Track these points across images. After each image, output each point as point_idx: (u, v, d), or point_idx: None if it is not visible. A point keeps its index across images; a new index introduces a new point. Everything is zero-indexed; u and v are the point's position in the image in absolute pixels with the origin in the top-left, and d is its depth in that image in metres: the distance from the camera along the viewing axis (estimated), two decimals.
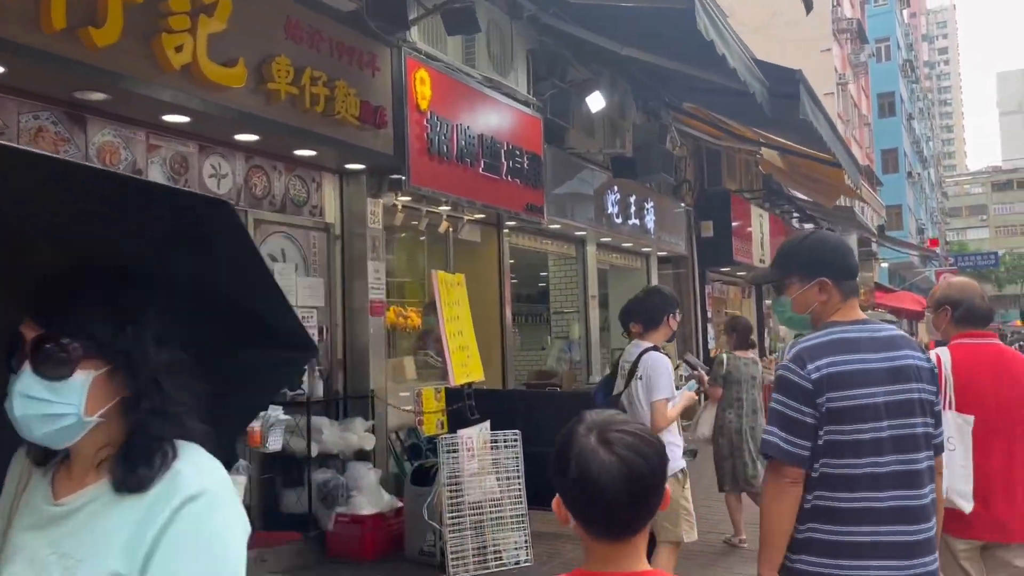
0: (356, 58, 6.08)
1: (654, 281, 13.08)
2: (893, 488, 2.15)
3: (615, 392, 4.33)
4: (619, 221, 10.55)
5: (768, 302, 21.99)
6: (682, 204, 14.31)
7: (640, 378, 4.16)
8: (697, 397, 4.36)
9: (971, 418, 2.94)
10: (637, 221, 11.04)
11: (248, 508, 5.84)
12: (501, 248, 8.90)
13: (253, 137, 5.59)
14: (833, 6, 31.26)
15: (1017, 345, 9.55)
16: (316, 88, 5.63)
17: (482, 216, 8.34)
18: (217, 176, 5.71)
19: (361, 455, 6.16)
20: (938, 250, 56.36)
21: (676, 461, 4.17)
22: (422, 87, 6.72)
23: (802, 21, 29.55)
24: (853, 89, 35.34)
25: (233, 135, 5.52)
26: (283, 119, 5.43)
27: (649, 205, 11.47)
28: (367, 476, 5.86)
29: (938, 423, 2.31)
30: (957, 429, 2.92)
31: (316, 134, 5.74)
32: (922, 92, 68.90)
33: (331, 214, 6.68)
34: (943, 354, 3.07)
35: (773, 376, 9.58)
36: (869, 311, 32.28)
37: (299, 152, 6.09)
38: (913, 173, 50.58)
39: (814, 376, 2.16)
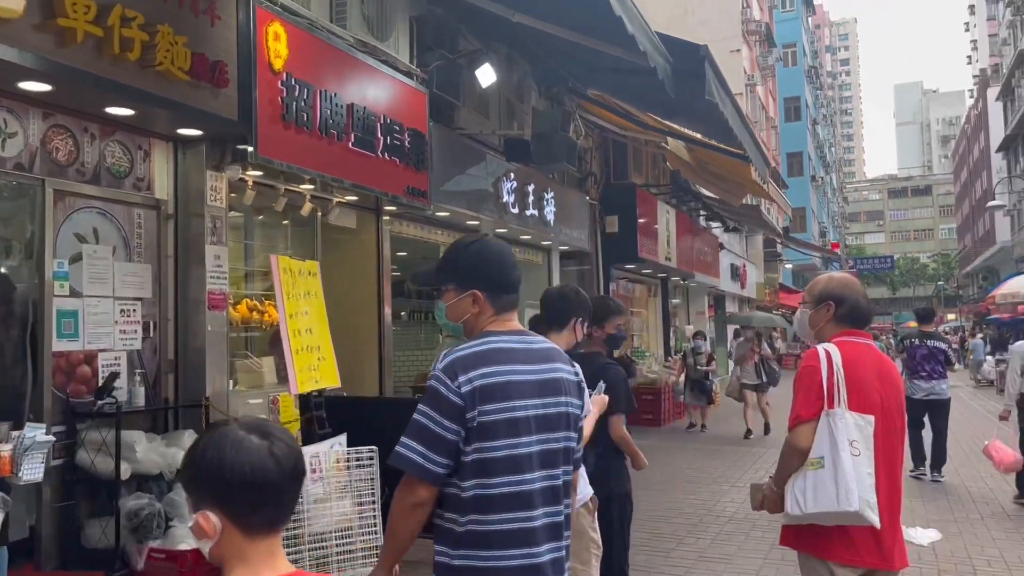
0: (189, 1, 5.07)
1: (556, 277, 12.38)
2: (544, 505, 2.11)
3: None
4: (516, 211, 9.76)
5: (675, 301, 21.73)
6: (587, 197, 13.70)
7: None
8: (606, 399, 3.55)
9: (871, 418, 2.70)
10: (536, 212, 10.29)
11: (37, 542, 4.79)
12: (380, 236, 7.98)
13: (44, 87, 4.52)
14: (743, 7, 31.42)
15: (928, 344, 9.18)
16: (129, 30, 4.61)
17: (355, 199, 7.40)
18: (2, 135, 4.62)
19: None
20: (839, 252, 58.09)
21: (585, 488, 3.57)
22: (276, 43, 5.74)
23: (712, 20, 29.62)
24: (761, 92, 35.72)
25: (17, 83, 4.45)
26: (82, 66, 4.39)
27: (549, 196, 10.73)
28: None
29: (580, 438, 2.29)
30: (859, 431, 2.66)
31: (131, 89, 4.71)
32: (826, 99, 71.01)
33: (162, 189, 5.63)
34: (832, 350, 2.79)
35: (675, 376, 8.96)
36: (775, 312, 32.52)
37: (113, 110, 5.03)
38: (817, 177, 51.84)
39: (464, 389, 2.05)
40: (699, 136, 11.74)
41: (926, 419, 8.82)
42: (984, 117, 57.20)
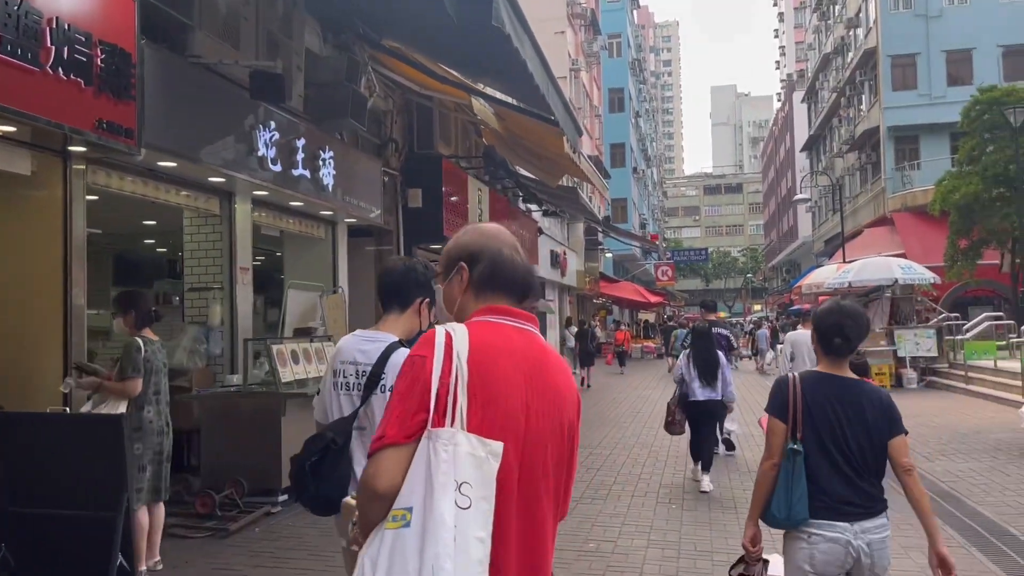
0: None
1: (342, 255, 10.67)
2: None
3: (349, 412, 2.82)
4: (278, 169, 7.96)
5: None
6: (384, 166, 12.06)
7: (385, 390, 2.72)
8: None
9: (499, 446, 1.58)
10: (307, 173, 8.52)
11: None
12: (69, 189, 5.97)
13: None
14: None
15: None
16: None
17: (13, 130, 5.38)
18: None
19: None
20: (658, 243, 59.71)
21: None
22: None
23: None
24: (586, 78, 35.38)
25: None
26: None
27: (327, 155, 8.99)
28: None
29: None
30: (476, 468, 1.54)
31: None
32: (649, 95, 72.99)
33: None
34: (457, 332, 1.67)
35: None
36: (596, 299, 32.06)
37: None
38: (639, 169, 52.81)
39: None
40: (503, 97, 10.42)
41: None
42: (790, 119, 60.68)
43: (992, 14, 30.71)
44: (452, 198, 13.45)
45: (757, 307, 75.13)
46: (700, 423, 8.13)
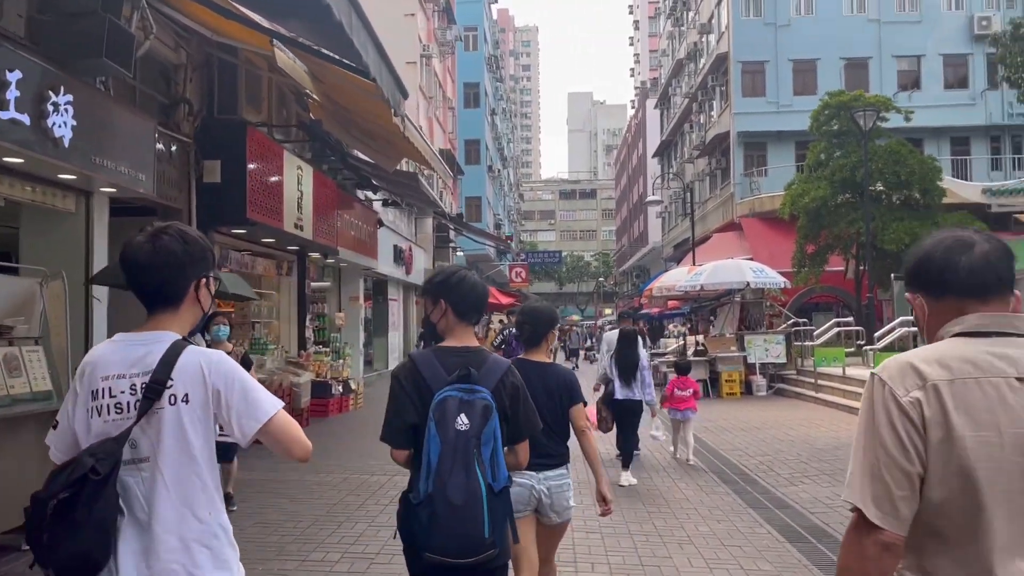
0: None
1: (100, 235, 8.41)
2: None
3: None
4: None
5: (324, 283, 18.45)
6: (173, 131, 9.89)
7: (176, 401, 2.12)
8: None
9: None
10: (24, 118, 6.32)
11: None
12: None
13: None
14: None
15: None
16: None
17: None
18: None
19: None
20: (513, 245, 58.87)
21: None
22: None
23: None
24: (439, 68, 33.70)
25: None
26: None
27: (62, 100, 6.79)
28: None
29: None
30: None
31: None
32: (506, 93, 72.24)
33: None
34: None
35: (310, 375, 8.99)
36: None
37: None
38: (494, 168, 51.67)
39: None
40: (305, 42, 8.52)
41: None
42: (643, 125, 61.44)
43: (835, 27, 31.46)
44: (265, 176, 11.38)
45: (608, 311, 75.95)
46: (622, 421, 8.70)
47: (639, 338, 9.36)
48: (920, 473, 1.67)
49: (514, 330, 10.63)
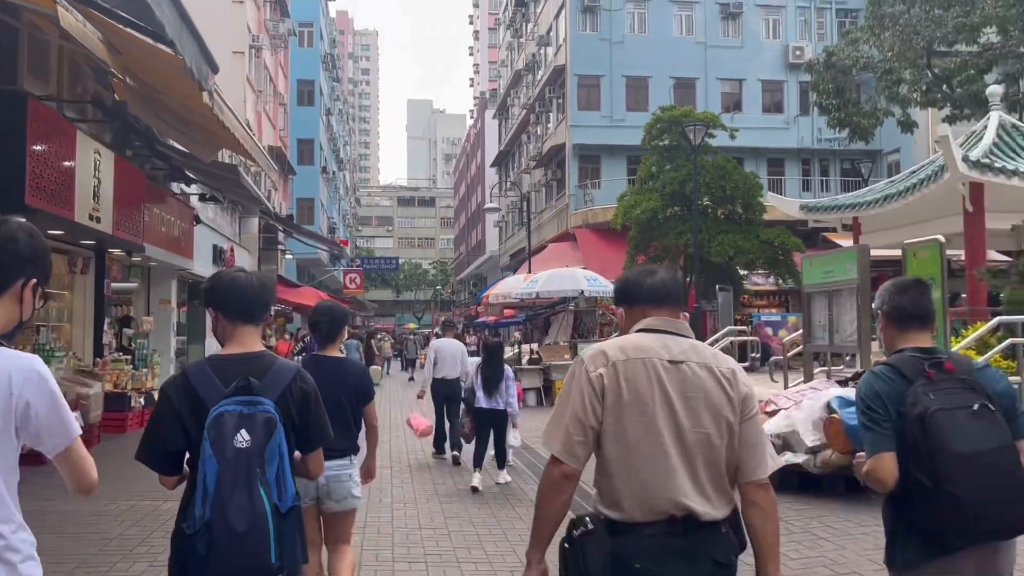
0: None
1: None
2: None
3: None
4: None
5: (131, 284, 16.70)
6: None
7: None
8: None
9: None
10: None
11: None
12: None
13: None
14: None
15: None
16: None
17: None
18: None
19: None
20: (348, 250, 57.24)
21: None
22: None
23: None
24: (270, 61, 32.03)
25: None
26: None
27: None
28: None
29: None
30: None
31: None
32: (343, 95, 70.43)
33: None
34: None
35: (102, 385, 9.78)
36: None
37: None
38: (329, 170, 50.01)
39: None
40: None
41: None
42: (481, 135, 61.68)
43: (666, 47, 32.66)
44: (52, 159, 9.92)
45: (443, 318, 75.52)
46: (481, 429, 8.91)
47: (503, 349, 9.72)
48: (595, 427, 2.29)
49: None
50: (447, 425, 10.50)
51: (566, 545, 2.28)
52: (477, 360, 9.56)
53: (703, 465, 2.27)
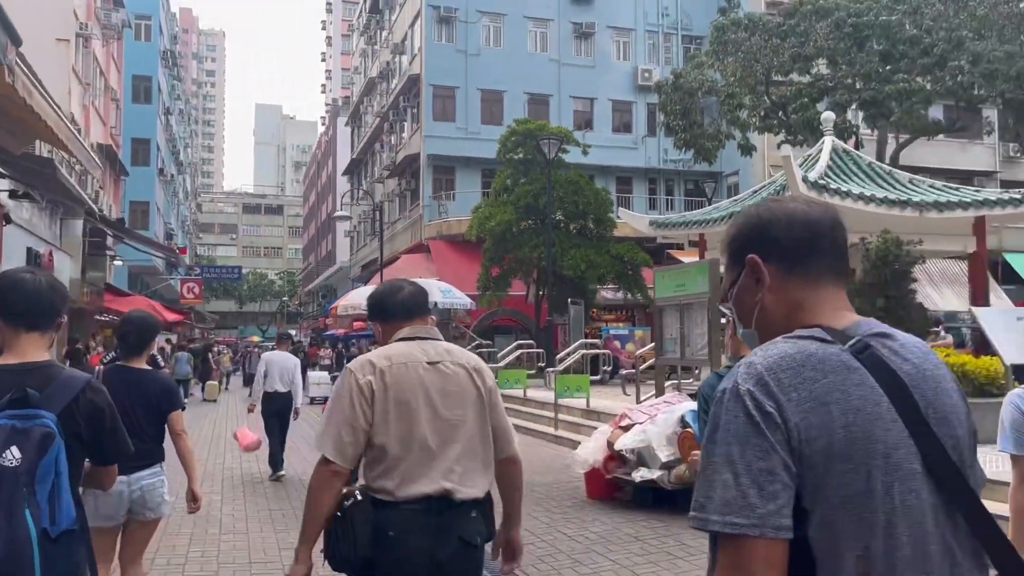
0: None
1: None
2: None
3: None
4: None
5: None
6: None
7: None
8: None
9: None
10: None
11: None
12: None
13: None
14: None
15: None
16: None
17: None
18: None
19: None
20: (186, 258, 54.07)
21: None
22: None
23: None
24: (100, 52, 29.68)
25: None
26: None
27: None
28: None
29: None
30: None
31: None
32: (185, 95, 66.83)
33: None
34: None
35: None
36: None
37: None
38: (167, 172, 47.11)
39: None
40: None
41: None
42: (333, 143, 60.16)
43: (520, 62, 32.88)
44: None
45: (292, 331, 72.91)
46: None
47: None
48: (366, 428, 2.58)
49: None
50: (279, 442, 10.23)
51: (338, 514, 2.58)
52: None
53: (461, 451, 2.64)
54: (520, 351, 19.54)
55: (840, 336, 1.29)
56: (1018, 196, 14.18)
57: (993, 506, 1.60)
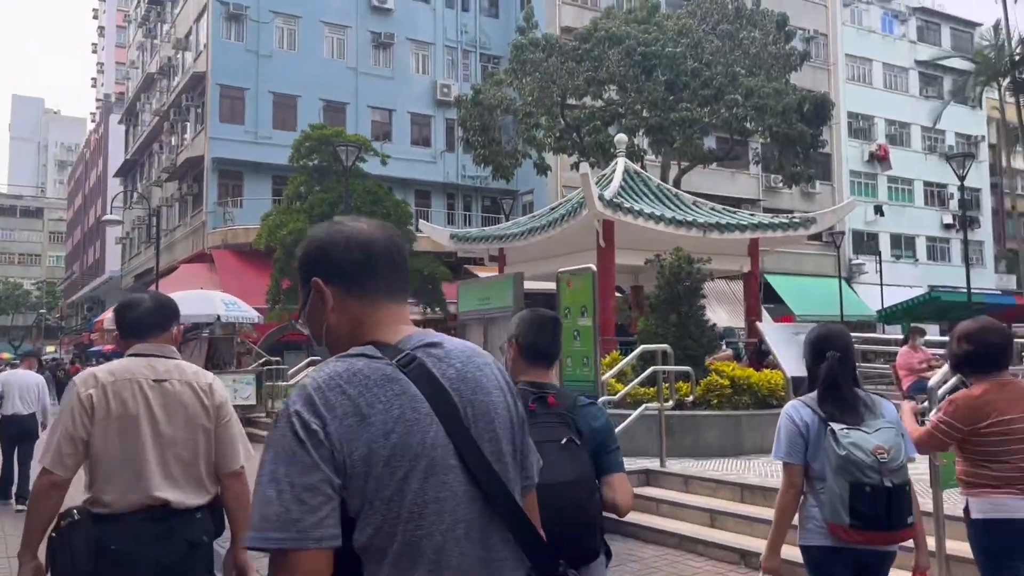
0: None
1: None
2: None
3: None
4: None
5: None
6: None
7: None
8: None
9: None
10: None
11: None
12: None
13: None
14: None
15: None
16: None
17: None
18: None
19: None
20: None
21: None
22: None
23: None
24: None
25: None
26: None
27: None
28: None
29: None
30: None
31: None
32: None
33: None
34: None
35: None
36: None
37: None
38: None
39: None
40: None
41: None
42: (104, 142, 55.12)
43: (316, 67, 31.71)
44: None
45: (51, 348, 65.77)
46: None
47: None
48: (84, 439, 2.69)
49: None
50: (16, 469, 9.47)
51: (53, 535, 2.61)
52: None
53: (178, 464, 2.74)
54: (312, 368, 18.56)
55: (391, 351, 1.40)
56: (786, 221, 15.43)
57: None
